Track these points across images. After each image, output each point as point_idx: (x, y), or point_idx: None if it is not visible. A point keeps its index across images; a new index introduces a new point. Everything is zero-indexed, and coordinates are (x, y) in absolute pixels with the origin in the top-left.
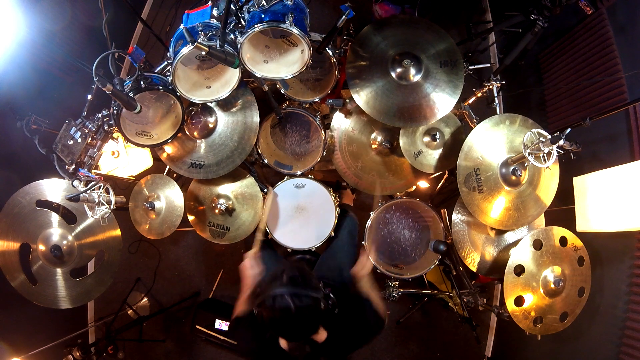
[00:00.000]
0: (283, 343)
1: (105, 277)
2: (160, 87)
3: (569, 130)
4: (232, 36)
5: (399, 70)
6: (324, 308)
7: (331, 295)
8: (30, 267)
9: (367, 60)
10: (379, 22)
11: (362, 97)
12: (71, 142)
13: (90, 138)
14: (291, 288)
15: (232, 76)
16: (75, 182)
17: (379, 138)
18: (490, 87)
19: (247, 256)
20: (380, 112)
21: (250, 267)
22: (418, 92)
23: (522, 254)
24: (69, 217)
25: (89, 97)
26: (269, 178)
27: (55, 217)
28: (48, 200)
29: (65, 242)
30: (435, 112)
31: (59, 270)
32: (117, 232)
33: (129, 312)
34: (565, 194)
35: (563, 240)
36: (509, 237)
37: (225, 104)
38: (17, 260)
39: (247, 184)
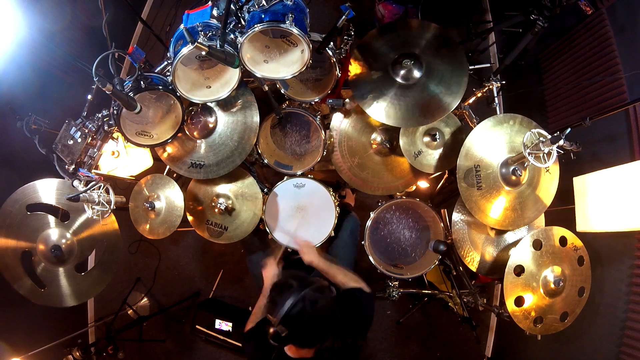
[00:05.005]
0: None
1: (110, 265)
2: (160, 87)
3: (569, 130)
4: (232, 36)
5: (402, 72)
6: (334, 294)
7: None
8: (35, 271)
9: (375, 76)
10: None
11: (380, 112)
12: (71, 142)
13: (90, 138)
14: (304, 289)
15: (232, 76)
16: (75, 182)
17: (379, 138)
18: (490, 87)
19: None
20: (404, 119)
21: (271, 271)
22: (427, 86)
23: (522, 254)
24: (62, 215)
25: (89, 97)
26: (269, 178)
27: (51, 218)
28: (40, 203)
29: (64, 240)
30: (450, 101)
31: (61, 269)
32: (113, 219)
33: (129, 312)
34: (565, 194)
35: (563, 240)
36: (509, 237)
37: (225, 104)
38: (20, 266)
39: (247, 184)
